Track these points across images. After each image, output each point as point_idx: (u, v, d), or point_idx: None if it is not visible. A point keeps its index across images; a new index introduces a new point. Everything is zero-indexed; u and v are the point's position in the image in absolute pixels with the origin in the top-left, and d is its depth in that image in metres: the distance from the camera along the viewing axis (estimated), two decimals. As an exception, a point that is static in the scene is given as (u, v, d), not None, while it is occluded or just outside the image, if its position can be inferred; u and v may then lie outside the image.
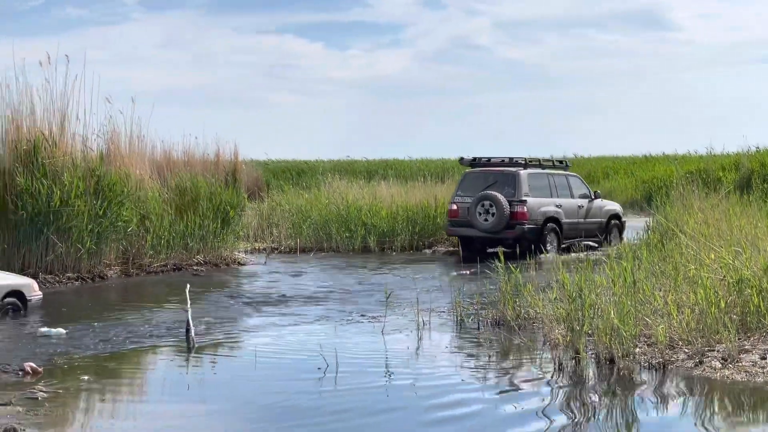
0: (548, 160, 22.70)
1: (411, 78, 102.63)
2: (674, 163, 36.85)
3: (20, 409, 7.79)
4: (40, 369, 9.24)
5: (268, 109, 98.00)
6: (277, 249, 22.68)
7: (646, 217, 23.45)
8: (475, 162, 21.69)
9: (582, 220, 21.42)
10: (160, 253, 18.50)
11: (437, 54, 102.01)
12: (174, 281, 16.68)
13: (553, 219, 20.42)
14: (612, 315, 9.40)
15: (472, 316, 12.18)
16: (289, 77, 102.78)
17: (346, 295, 15.19)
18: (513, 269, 12.23)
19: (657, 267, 12.23)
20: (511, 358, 10.44)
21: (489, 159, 21.72)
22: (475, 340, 11.23)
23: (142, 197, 18.35)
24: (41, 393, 8.35)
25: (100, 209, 16.78)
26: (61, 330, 11.46)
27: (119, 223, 17.30)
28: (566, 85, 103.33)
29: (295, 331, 12.01)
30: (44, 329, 11.49)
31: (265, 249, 22.54)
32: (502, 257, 12.97)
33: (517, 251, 16.23)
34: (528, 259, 14.72)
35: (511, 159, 21.26)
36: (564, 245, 20.42)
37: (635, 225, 22.85)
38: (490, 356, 10.37)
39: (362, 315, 13.03)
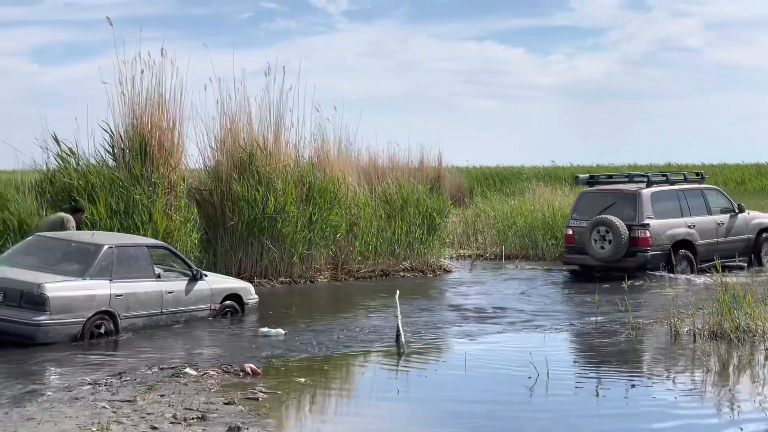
0: (678, 173, 20.12)
1: (614, 82, 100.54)
2: None
3: (242, 409, 8.12)
4: (259, 370, 9.60)
5: (469, 115, 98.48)
6: (482, 256, 22.65)
7: None
8: (592, 180, 19.75)
9: (722, 239, 18.67)
10: (368, 259, 18.84)
11: (642, 57, 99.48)
12: (382, 287, 16.94)
13: (685, 242, 17.90)
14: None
15: (687, 328, 11.72)
16: (491, 83, 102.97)
17: (553, 303, 14.99)
18: (733, 281, 11.69)
19: None
20: (731, 373, 9.97)
21: (610, 176, 20.07)
22: (692, 353, 10.80)
23: (353, 204, 18.75)
24: (261, 394, 8.67)
25: (312, 216, 17.30)
26: (281, 330, 11.89)
27: (328, 229, 17.75)
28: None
29: (502, 339, 11.96)
30: (264, 329, 11.96)
31: (470, 256, 22.57)
32: (719, 266, 12.43)
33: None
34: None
35: (633, 175, 19.40)
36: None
37: None
38: (708, 371, 9.94)
39: (570, 324, 12.81)
